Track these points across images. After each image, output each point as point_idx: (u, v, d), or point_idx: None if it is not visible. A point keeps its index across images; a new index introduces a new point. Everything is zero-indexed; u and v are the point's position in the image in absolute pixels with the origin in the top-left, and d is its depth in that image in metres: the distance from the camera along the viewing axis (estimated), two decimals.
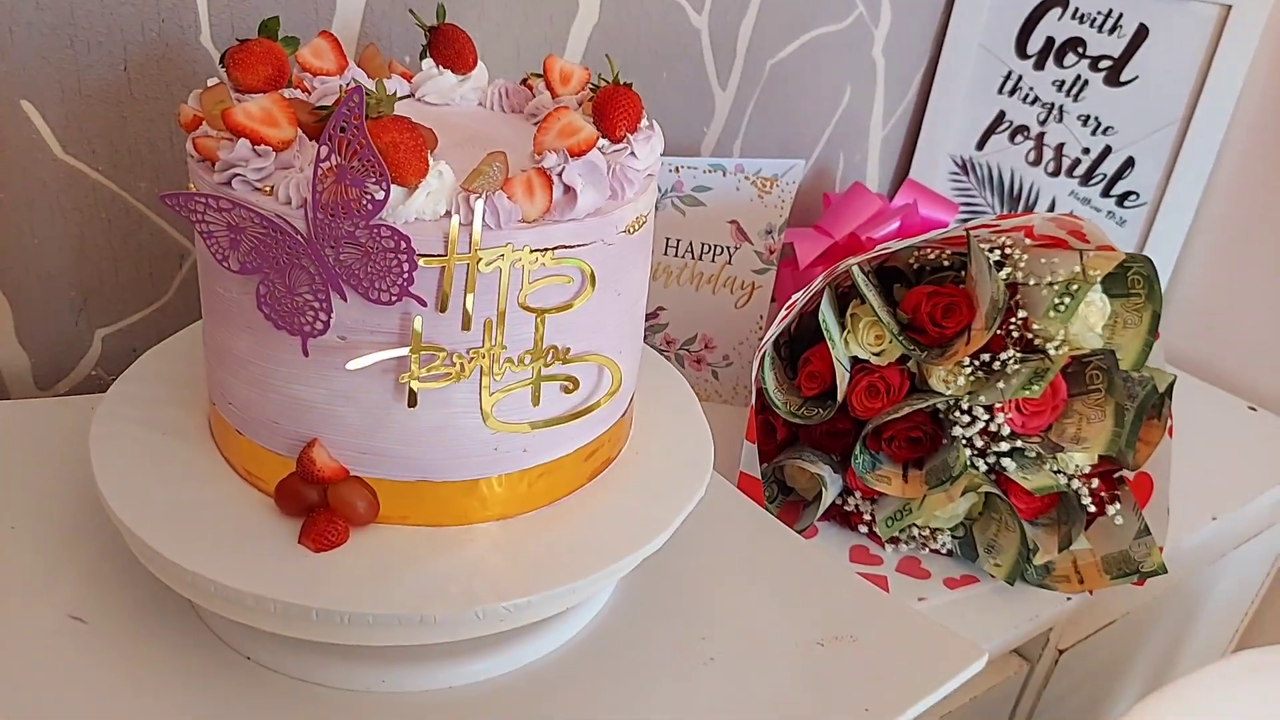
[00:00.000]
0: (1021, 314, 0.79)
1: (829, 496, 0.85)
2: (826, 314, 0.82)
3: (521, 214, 0.55)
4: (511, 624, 0.58)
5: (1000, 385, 0.79)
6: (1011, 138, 1.34)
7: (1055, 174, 1.32)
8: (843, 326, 0.85)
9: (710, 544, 0.77)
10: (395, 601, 0.57)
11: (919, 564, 0.87)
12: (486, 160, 0.55)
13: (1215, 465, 1.11)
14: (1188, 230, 1.29)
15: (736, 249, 1.02)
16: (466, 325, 0.55)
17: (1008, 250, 0.81)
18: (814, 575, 0.76)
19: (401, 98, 0.71)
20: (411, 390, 0.56)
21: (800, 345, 0.89)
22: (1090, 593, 0.86)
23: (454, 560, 0.60)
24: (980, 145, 1.36)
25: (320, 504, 0.59)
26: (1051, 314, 0.79)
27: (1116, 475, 0.88)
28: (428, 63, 0.73)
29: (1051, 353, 0.78)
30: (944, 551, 0.88)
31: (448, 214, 0.54)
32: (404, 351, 0.55)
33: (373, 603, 0.56)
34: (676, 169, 0.98)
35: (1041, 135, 1.32)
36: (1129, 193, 1.29)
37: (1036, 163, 1.33)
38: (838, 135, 1.32)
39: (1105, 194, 1.30)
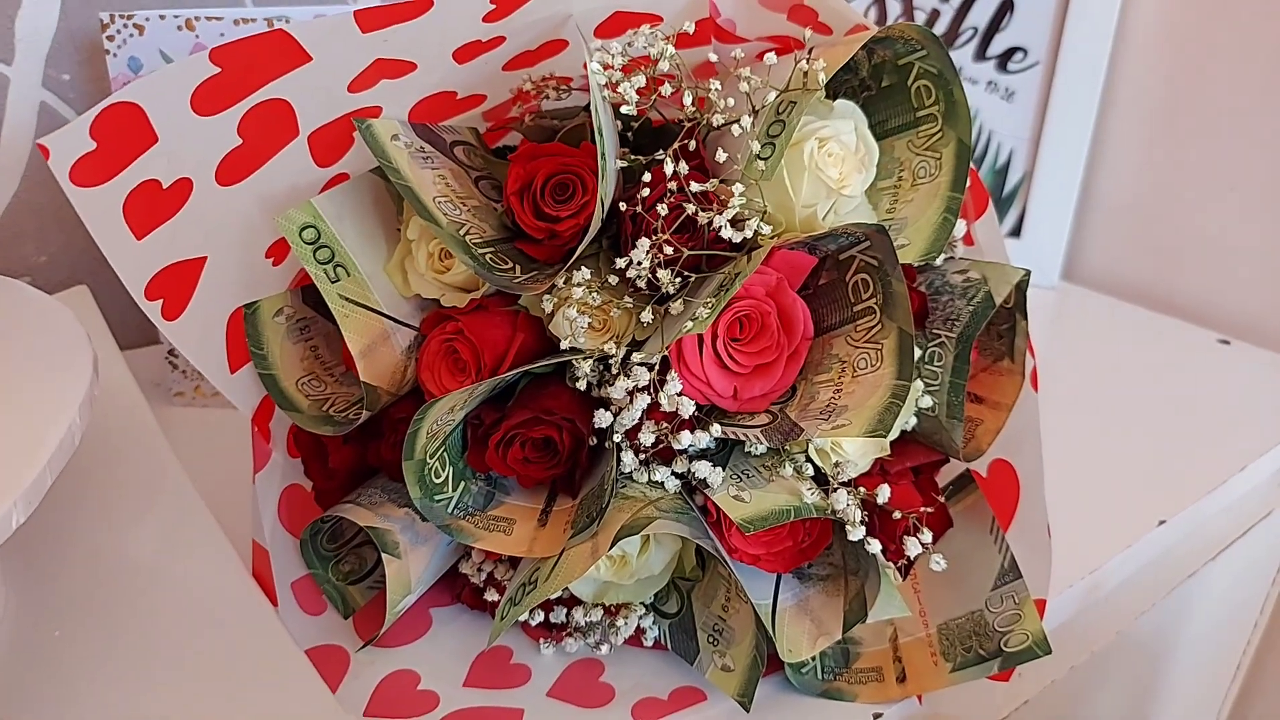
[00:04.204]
0: (675, 167, 0.39)
1: (410, 571, 0.45)
2: (321, 216, 0.42)
3: None
4: None
5: (645, 319, 0.39)
6: None
7: None
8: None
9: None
10: None
11: (599, 675, 0.47)
12: None
13: (1169, 432, 0.71)
14: (1101, 96, 0.89)
15: None
16: None
17: (663, 61, 0.41)
18: None
19: None
20: None
21: None
22: (919, 700, 0.46)
23: None
24: None
25: None
26: (750, 165, 0.39)
27: (957, 477, 0.48)
28: None
29: (728, 234, 0.38)
30: (648, 644, 0.48)
31: None
32: None
33: None
34: (189, 24, 0.58)
35: None
36: (1012, 50, 0.90)
37: (880, 22, 0.94)
38: None
39: (980, 56, 0.91)
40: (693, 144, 0.41)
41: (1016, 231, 0.94)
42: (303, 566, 0.49)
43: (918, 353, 0.43)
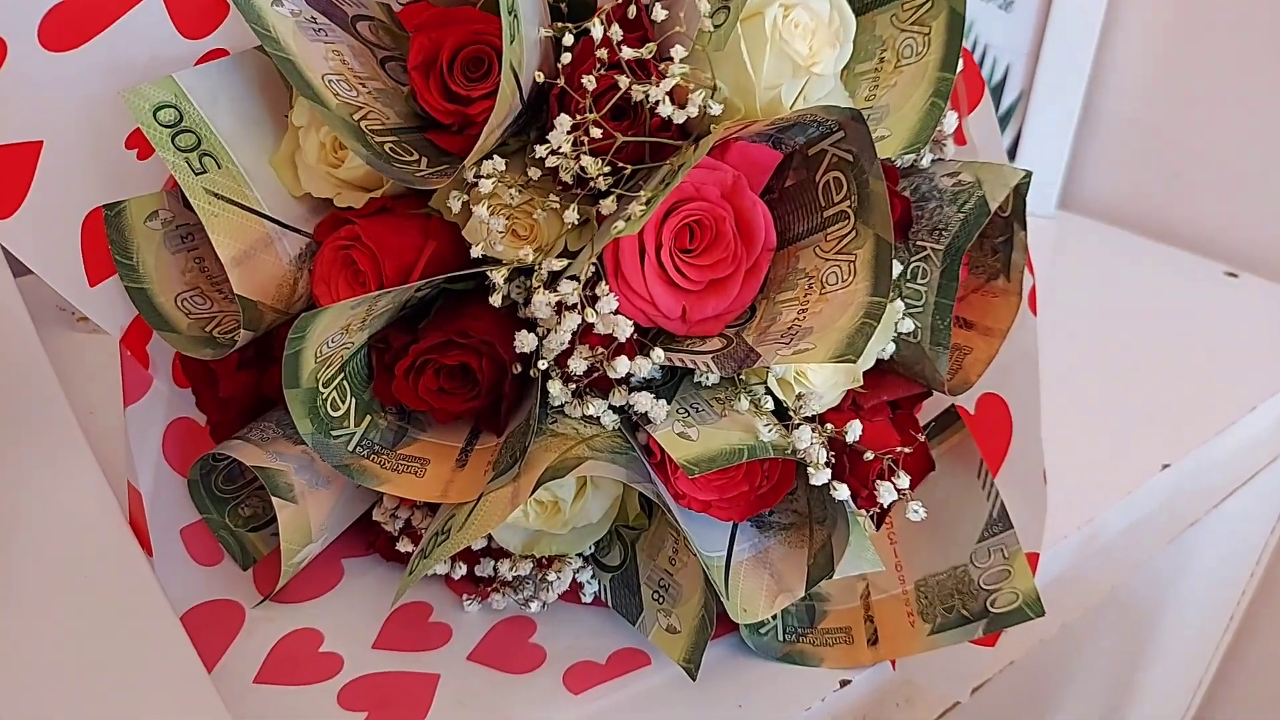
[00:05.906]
0: (605, 31, 0.32)
1: (310, 518, 0.39)
2: (186, 95, 0.35)
3: None
4: None
5: (570, 218, 0.32)
6: None
7: None
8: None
9: None
10: None
11: (529, 635, 0.41)
12: None
13: (1174, 371, 0.65)
14: (1106, 6, 0.82)
15: None
16: None
17: None
18: None
19: None
20: None
21: None
22: (893, 665, 0.41)
23: None
24: None
25: None
26: (699, 34, 0.32)
27: (941, 413, 0.42)
28: None
29: (667, 111, 0.31)
30: (587, 601, 0.42)
31: None
32: None
33: None
34: None
35: None
36: None
37: None
38: None
39: None
40: (634, 10, 0.34)
41: (1011, 155, 0.87)
42: (195, 510, 0.43)
43: (898, 267, 0.37)
